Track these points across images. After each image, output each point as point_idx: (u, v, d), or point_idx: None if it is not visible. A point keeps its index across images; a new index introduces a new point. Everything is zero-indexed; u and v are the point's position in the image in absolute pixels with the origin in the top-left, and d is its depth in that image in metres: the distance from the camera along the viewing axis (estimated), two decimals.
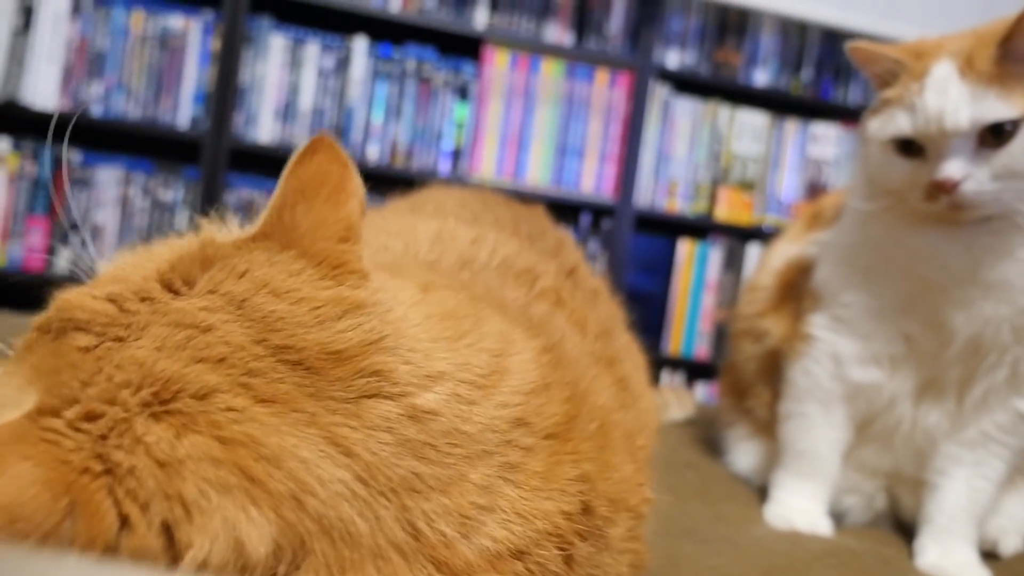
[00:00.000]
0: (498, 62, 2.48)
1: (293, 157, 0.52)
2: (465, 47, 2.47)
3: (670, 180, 2.63)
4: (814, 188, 2.71)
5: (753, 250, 2.65)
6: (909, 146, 0.96)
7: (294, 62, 2.40)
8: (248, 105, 2.36)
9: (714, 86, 2.65)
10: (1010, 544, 1.08)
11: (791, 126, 2.70)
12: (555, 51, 2.52)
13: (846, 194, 1.15)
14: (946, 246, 0.96)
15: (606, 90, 2.55)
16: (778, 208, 2.70)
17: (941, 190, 0.92)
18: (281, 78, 2.39)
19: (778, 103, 2.70)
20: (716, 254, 2.66)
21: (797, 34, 2.72)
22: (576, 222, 2.57)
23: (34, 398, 0.40)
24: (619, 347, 0.79)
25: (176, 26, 2.32)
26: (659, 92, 2.60)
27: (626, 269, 2.58)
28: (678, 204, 2.64)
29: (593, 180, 2.56)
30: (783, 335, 1.16)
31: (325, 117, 2.41)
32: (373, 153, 2.43)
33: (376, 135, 2.44)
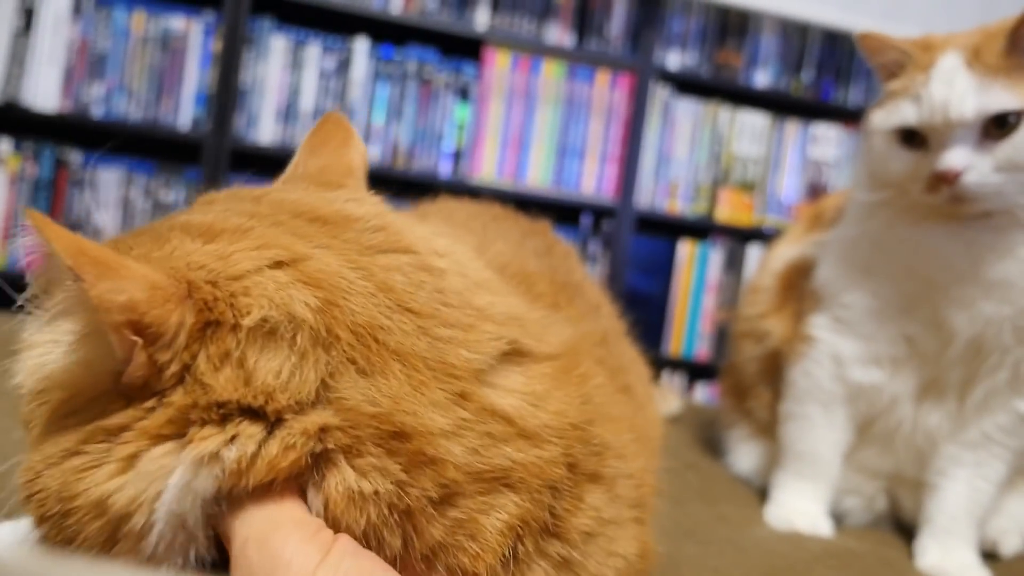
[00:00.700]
0: (499, 63, 2.48)
1: (309, 132, 0.64)
2: (466, 48, 2.47)
3: (671, 181, 2.63)
4: (815, 189, 2.72)
5: (754, 251, 2.65)
6: (912, 137, 0.97)
7: (295, 63, 2.40)
8: (249, 106, 2.37)
9: (715, 87, 2.65)
10: (1010, 545, 1.08)
11: (792, 127, 2.70)
12: (556, 52, 2.52)
13: (848, 193, 1.15)
14: (947, 244, 0.96)
15: (607, 91, 2.55)
16: (779, 209, 2.70)
17: (943, 181, 0.92)
18: (282, 79, 2.39)
19: (779, 104, 2.70)
20: (717, 255, 2.66)
21: (798, 35, 2.72)
22: (577, 223, 2.58)
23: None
24: (620, 356, 0.79)
25: (177, 27, 2.32)
26: (660, 93, 2.60)
27: (627, 270, 2.58)
28: (679, 205, 2.64)
29: (594, 181, 2.56)
30: (784, 336, 1.16)
31: None
32: (374, 154, 2.43)
33: (377, 136, 2.44)
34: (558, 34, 2.56)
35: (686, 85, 2.63)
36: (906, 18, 2.56)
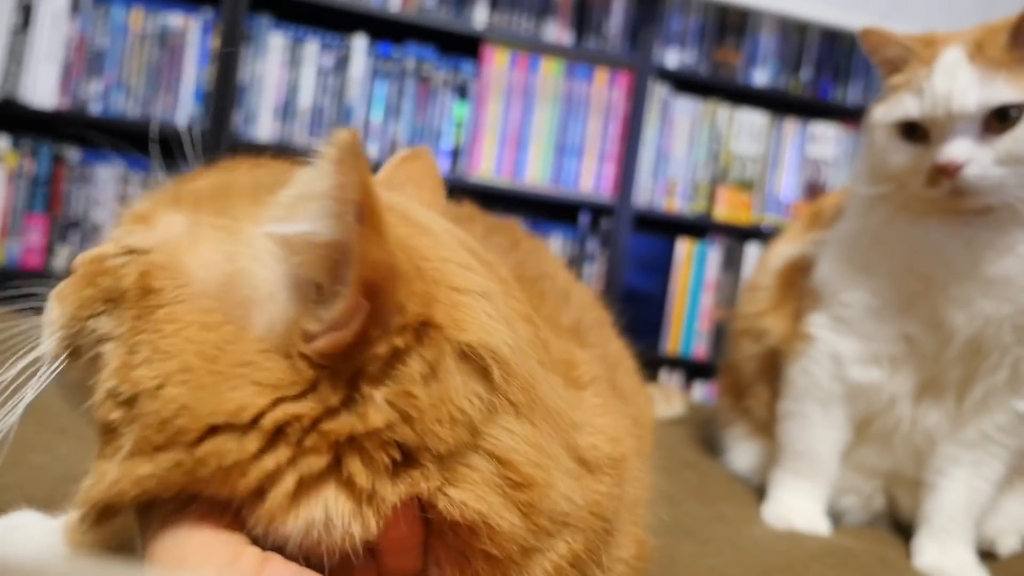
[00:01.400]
0: (497, 61, 2.48)
1: (397, 156, 0.62)
2: (464, 46, 2.46)
3: (669, 179, 2.63)
4: (813, 188, 2.72)
5: (752, 250, 2.65)
6: (914, 131, 0.97)
7: (293, 60, 2.39)
8: (247, 103, 2.36)
9: (713, 86, 2.65)
10: (1008, 544, 1.08)
11: (790, 126, 2.70)
12: (554, 50, 2.52)
13: (847, 190, 1.15)
14: (947, 241, 0.96)
15: (605, 89, 2.55)
16: (777, 208, 2.70)
17: (943, 174, 0.92)
18: (280, 76, 2.39)
19: (777, 103, 2.70)
20: (715, 253, 2.66)
21: (796, 34, 2.72)
22: (575, 221, 2.57)
23: None
24: (601, 347, 0.78)
25: (175, 24, 2.32)
26: (658, 91, 2.60)
27: (625, 268, 2.58)
28: (677, 203, 2.64)
29: (592, 179, 2.56)
30: (782, 335, 1.16)
31: (324, 116, 2.41)
32: (372, 152, 2.42)
33: (375, 134, 2.44)
34: (557, 32, 2.56)
35: (685, 83, 2.63)
36: (905, 18, 2.56)
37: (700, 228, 2.67)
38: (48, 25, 2.23)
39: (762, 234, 2.62)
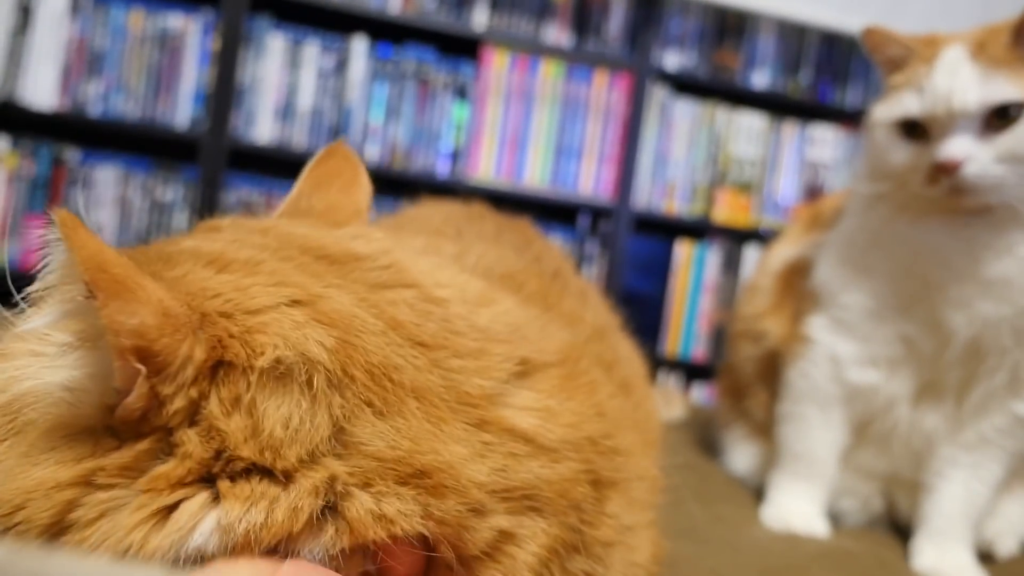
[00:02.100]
0: (497, 63, 2.48)
1: (312, 159, 0.62)
2: (464, 48, 2.47)
3: (668, 182, 2.64)
4: (812, 190, 2.72)
5: (751, 252, 2.65)
6: (914, 129, 0.97)
7: (293, 62, 2.40)
8: (247, 105, 2.36)
9: (713, 88, 2.65)
10: (1006, 546, 1.08)
11: (789, 128, 2.70)
12: (554, 52, 2.52)
13: (848, 191, 1.15)
14: (946, 242, 0.96)
15: (605, 91, 2.55)
16: (776, 210, 2.70)
17: (943, 172, 0.92)
18: (280, 78, 2.39)
19: (776, 105, 2.70)
20: (714, 256, 2.66)
21: (796, 37, 2.72)
22: (574, 223, 2.58)
23: None
24: (614, 350, 0.79)
25: (175, 26, 2.32)
26: (658, 94, 2.60)
27: (624, 270, 2.58)
28: (676, 206, 2.64)
29: (591, 181, 2.56)
30: (781, 336, 1.16)
31: (324, 117, 2.41)
32: (372, 154, 2.43)
33: (375, 136, 2.44)
34: (556, 34, 2.56)
35: (684, 86, 2.63)
36: (904, 20, 2.57)
37: (699, 230, 2.67)
38: (47, 26, 2.23)
39: (761, 236, 2.63)
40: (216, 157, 2.30)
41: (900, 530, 1.10)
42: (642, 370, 0.89)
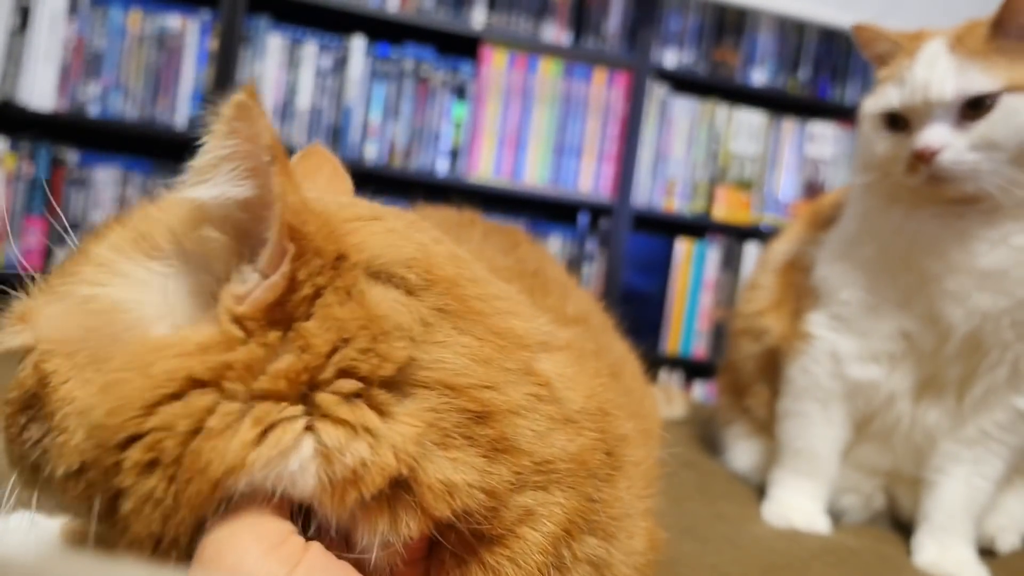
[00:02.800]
0: (496, 62, 2.48)
1: (293, 159, 0.61)
2: (463, 47, 2.46)
3: (668, 179, 2.63)
4: (812, 187, 2.72)
5: (751, 249, 2.65)
6: (897, 120, 1.00)
7: (292, 62, 2.39)
8: None
9: (712, 85, 2.65)
10: (1008, 542, 1.08)
11: (789, 125, 2.70)
12: (553, 51, 2.52)
13: (847, 189, 1.16)
14: (940, 234, 0.98)
15: (604, 89, 2.55)
16: (776, 207, 2.70)
17: (921, 160, 0.95)
18: (279, 78, 2.39)
19: (776, 102, 2.70)
20: (714, 253, 2.66)
21: (795, 34, 2.72)
22: (574, 222, 2.58)
23: None
24: (598, 339, 0.79)
25: (173, 26, 2.32)
26: (657, 91, 2.60)
27: (624, 268, 2.58)
28: (676, 203, 2.64)
29: (591, 179, 2.56)
30: (782, 334, 1.16)
31: (323, 117, 2.41)
32: (371, 153, 2.42)
33: (374, 135, 2.44)
34: (555, 32, 2.56)
35: (683, 83, 2.63)
36: (902, 17, 2.56)
37: (699, 228, 2.67)
38: (46, 27, 2.23)
39: (761, 233, 2.63)
40: None
41: (902, 526, 1.10)
42: (637, 371, 0.89)
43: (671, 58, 2.64)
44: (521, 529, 0.43)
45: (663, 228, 2.65)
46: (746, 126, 2.68)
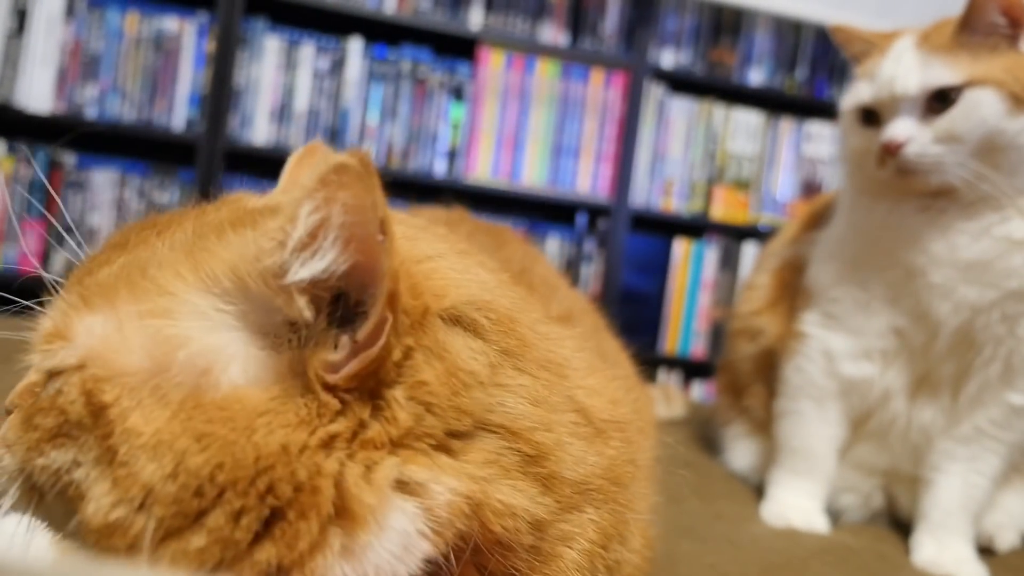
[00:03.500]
0: (493, 63, 2.48)
1: (292, 157, 0.59)
2: (460, 48, 2.47)
3: (666, 179, 2.64)
4: (809, 187, 2.72)
5: (749, 249, 2.66)
6: (869, 116, 1.03)
7: (289, 64, 2.39)
8: (243, 107, 2.36)
9: (709, 85, 2.65)
10: (1006, 539, 1.08)
11: (786, 125, 2.71)
12: (550, 51, 2.52)
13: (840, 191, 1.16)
14: (923, 229, 1.00)
15: (601, 90, 2.55)
16: (773, 207, 2.71)
17: (888, 152, 0.97)
18: (276, 80, 2.39)
19: (773, 102, 2.71)
20: (712, 253, 2.67)
21: (791, 33, 2.73)
22: (572, 222, 2.58)
23: None
24: (590, 334, 0.79)
25: (171, 28, 2.32)
26: (654, 92, 2.60)
27: (622, 268, 2.58)
28: (674, 203, 2.64)
29: (589, 180, 2.56)
30: (778, 333, 1.16)
31: (320, 119, 2.41)
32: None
33: (372, 136, 2.44)
34: (552, 33, 2.56)
35: (680, 83, 2.63)
36: (899, 16, 2.57)
37: (697, 228, 2.67)
38: (43, 29, 2.23)
39: (759, 233, 2.63)
40: (213, 159, 2.30)
41: (901, 525, 1.10)
42: (626, 361, 0.89)
43: (668, 58, 2.64)
44: (559, 549, 0.43)
45: (661, 228, 2.65)
46: (743, 126, 2.68)
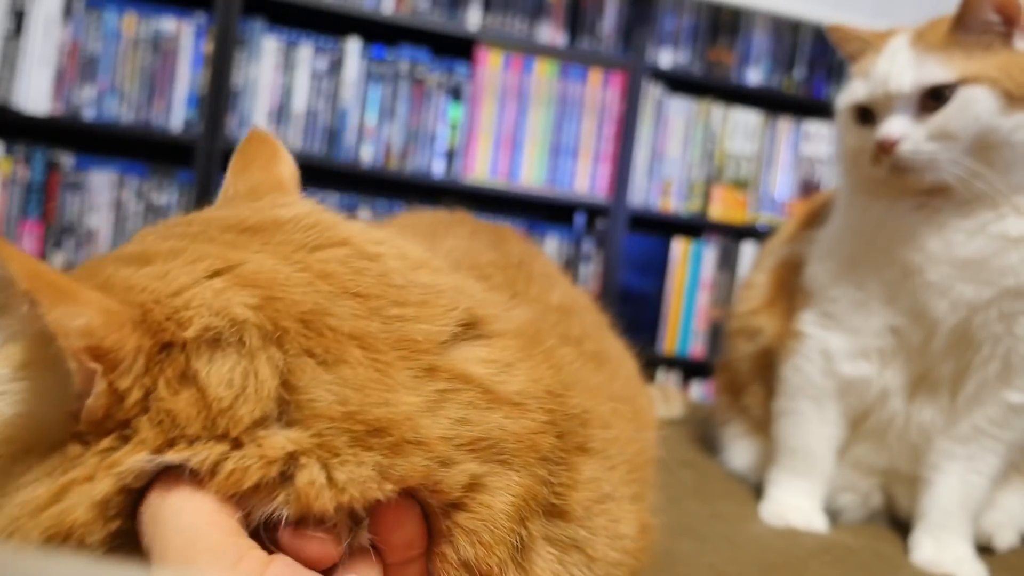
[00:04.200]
0: (491, 63, 2.48)
1: (240, 144, 0.63)
2: (458, 48, 2.47)
3: (664, 179, 2.64)
4: (807, 186, 2.72)
5: (747, 249, 2.66)
6: (864, 114, 1.03)
7: (287, 64, 2.39)
8: (241, 108, 2.36)
9: (707, 85, 2.66)
10: (1005, 539, 1.08)
11: (784, 125, 2.71)
12: (548, 51, 2.53)
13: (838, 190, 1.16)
14: (919, 227, 0.99)
15: (599, 90, 2.55)
16: (772, 207, 2.71)
17: (882, 150, 0.97)
18: (274, 80, 2.39)
19: (771, 102, 2.71)
20: (710, 253, 2.67)
21: (789, 33, 2.73)
22: (570, 222, 2.58)
23: None
24: (584, 326, 0.79)
25: (168, 29, 2.32)
26: (652, 92, 2.60)
27: (620, 268, 2.58)
28: (672, 203, 2.64)
29: (587, 180, 2.56)
30: (776, 333, 1.16)
31: (318, 119, 2.41)
32: (367, 155, 2.42)
33: (370, 137, 2.44)
34: (550, 33, 2.56)
35: (678, 83, 2.63)
36: (897, 16, 2.57)
37: (695, 227, 2.67)
38: (41, 31, 2.23)
39: (757, 233, 2.63)
40: (211, 160, 2.30)
41: (900, 525, 1.10)
42: (633, 369, 0.89)
43: (666, 58, 2.64)
44: (482, 496, 0.44)
45: (659, 228, 2.65)
46: (742, 126, 2.68)
